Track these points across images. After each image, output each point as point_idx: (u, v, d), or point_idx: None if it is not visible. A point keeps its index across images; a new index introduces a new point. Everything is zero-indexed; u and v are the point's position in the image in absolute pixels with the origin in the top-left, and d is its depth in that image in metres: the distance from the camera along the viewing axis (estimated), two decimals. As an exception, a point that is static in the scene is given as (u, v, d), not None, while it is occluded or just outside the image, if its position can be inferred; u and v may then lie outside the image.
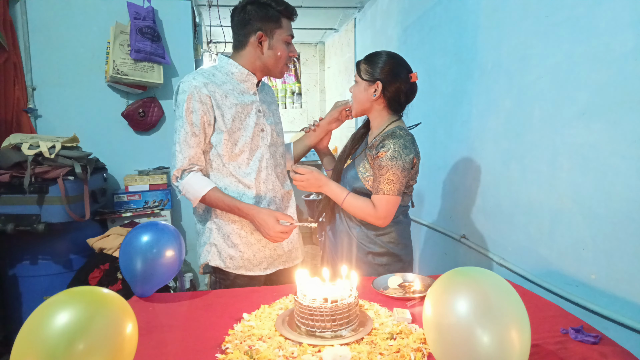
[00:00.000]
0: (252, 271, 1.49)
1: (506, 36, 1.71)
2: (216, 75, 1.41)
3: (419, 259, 2.64)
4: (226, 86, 1.40)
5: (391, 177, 1.38)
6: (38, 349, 0.69)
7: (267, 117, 1.49)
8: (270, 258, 1.50)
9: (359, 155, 1.50)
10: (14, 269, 2.14)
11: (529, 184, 1.59)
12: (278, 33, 1.40)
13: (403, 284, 1.32)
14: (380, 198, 1.39)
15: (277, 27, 1.40)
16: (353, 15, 4.04)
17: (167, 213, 2.67)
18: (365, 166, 1.45)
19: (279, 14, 1.39)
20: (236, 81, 1.43)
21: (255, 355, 0.92)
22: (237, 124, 1.40)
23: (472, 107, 1.97)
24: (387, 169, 1.37)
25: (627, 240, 1.19)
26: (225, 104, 1.38)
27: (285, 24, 1.41)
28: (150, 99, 2.72)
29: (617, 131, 1.21)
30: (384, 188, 1.38)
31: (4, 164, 1.99)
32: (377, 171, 1.40)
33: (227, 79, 1.42)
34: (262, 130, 1.46)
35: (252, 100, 1.44)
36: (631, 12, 1.16)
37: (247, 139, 1.42)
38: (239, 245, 1.46)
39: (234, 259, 1.47)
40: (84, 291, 0.79)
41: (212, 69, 1.43)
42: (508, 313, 0.75)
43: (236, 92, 1.42)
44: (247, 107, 1.43)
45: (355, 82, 1.49)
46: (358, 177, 1.46)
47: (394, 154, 1.37)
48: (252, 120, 1.43)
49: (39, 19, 2.55)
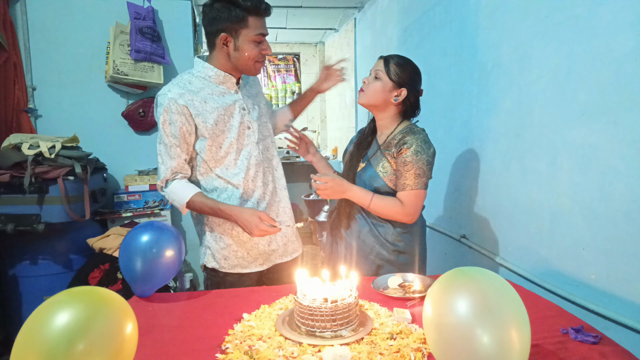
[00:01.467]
0: (249, 268, 1.49)
1: (506, 36, 1.71)
2: (192, 82, 1.39)
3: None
4: (204, 92, 1.38)
5: (418, 171, 1.41)
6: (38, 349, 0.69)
7: (252, 113, 1.47)
8: (265, 254, 1.50)
9: (374, 156, 1.51)
10: (14, 269, 2.14)
11: (529, 184, 1.59)
12: (244, 33, 1.33)
13: (403, 284, 1.32)
14: (408, 194, 1.42)
15: (243, 27, 1.32)
16: (353, 15, 4.04)
17: (167, 213, 2.67)
18: (385, 165, 1.47)
19: (245, 12, 1.30)
20: (214, 84, 1.41)
21: (255, 355, 0.92)
22: (220, 127, 1.39)
23: (472, 107, 1.97)
24: (412, 164, 1.40)
25: (627, 240, 1.19)
26: (206, 110, 1.37)
27: (252, 23, 1.32)
28: (150, 99, 2.72)
29: (617, 131, 1.21)
30: (411, 183, 1.41)
31: (4, 164, 1.99)
32: (402, 167, 1.42)
33: (204, 84, 1.40)
34: (247, 128, 1.44)
35: (234, 100, 1.42)
36: (631, 12, 1.16)
37: (232, 140, 1.40)
38: (231, 245, 1.46)
39: (228, 259, 1.47)
40: (84, 291, 0.80)
41: (188, 76, 1.41)
42: (508, 313, 0.75)
43: (215, 95, 1.40)
44: (230, 108, 1.41)
45: (378, 78, 1.48)
46: (378, 177, 1.47)
47: (417, 149, 1.41)
48: (236, 120, 1.41)
49: (39, 19, 2.55)
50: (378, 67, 1.50)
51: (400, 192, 1.44)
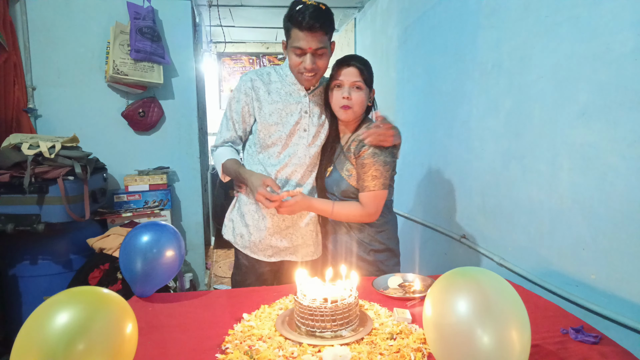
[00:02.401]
0: (257, 255, 1.58)
1: (506, 36, 1.71)
2: (271, 74, 1.54)
3: (419, 259, 2.64)
4: (274, 85, 1.52)
5: (374, 172, 1.40)
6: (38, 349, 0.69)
7: (313, 119, 1.53)
8: (275, 248, 1.56)
9: (338, 159, 1.52)
10: (14, 269, 2.14)
11: (529, 184, 1.59)
12: (289, 43, 1.42)
13: (403, 284, 1.32)
14: (368, 195, 1.42)
15: (289, 37, 1.42)
16: (353, 15, 4.04)
17: (167, 213, 2.67)
18: (348, 168, 1.47)
19: (290, 23, 1.39)
20: (288, 83, 1.52)
21: (255, 355, 0.92)
22: (274, 118, 1.49)
23: (472, 107, 1.97)
24: (369, 165, 1.40)
25: (627, 240, 1.19)
26: (267, 100, 1.50)
27: (294, 35, 1.38)
28: (150, 99, 2.72)
29: (617, 131, 1.21)
30: (369, 185, 1.41)
31: (4, 164, 1.99)
32: (360, 169, 1.42)
33: (279, 79, 1.53)
34: (304, 130, 1.51)
35: (298, 101, 1.51)
36: (631, 12, 1.16)
37: (282, 135, 1.50)
38: (250, 226, 1.57)
39: (243, 237, 1.58)
40: (84, 291, 0.80)
41: (271, 69, 1.56)
42: (508, 313, 0.75)
43: (283, 92, 1.52)
44: (291, 106, 1.51)
45: (359, 89, 1.43)
46: (343, 180, 1.48)
47: (375, 151, 1.40)
48: (293, 119, 1.50)
49: (39, 19, 2.55)
50: (354, 78, 1.42)
51: (360, 193, 1.44)
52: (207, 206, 3.79)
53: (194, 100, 2.86)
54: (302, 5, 1.36)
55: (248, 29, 4.65)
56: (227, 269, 3.87)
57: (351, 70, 1.42)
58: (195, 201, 2.93)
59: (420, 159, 2.56)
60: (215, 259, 4.16)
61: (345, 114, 1.44)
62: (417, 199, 2.63)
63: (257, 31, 4.73)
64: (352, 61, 1.44)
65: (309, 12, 1.34)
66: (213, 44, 5.21)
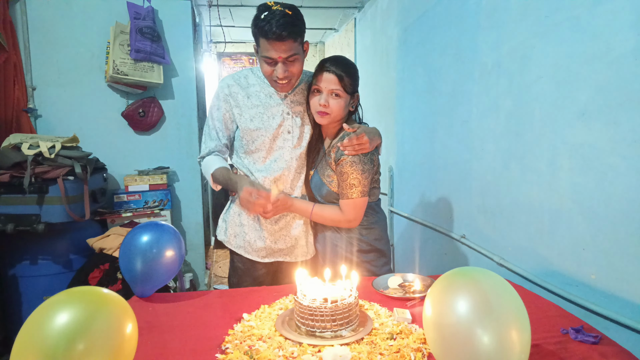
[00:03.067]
0: (250, 255, 1.56)
1: (506, 36, 1.71)
2: (248, 78, 1.51)
3: (419, 259, 2.64)
4: (253, 88, 1.49)
5: (353, 181, 1.39)
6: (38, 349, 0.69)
7: (296, 119, 1.50)
8: (269, 249, 1.55)
9: (320, 164, 1.50)
10: (14, 269, 2.14)
11: (529, 184, 1.59)
12: (259, 51, 1.38)
13: (403, 284, 1.32)
14: (347, 203, 1.42)
15: (258, 45, 1.37)
16: (353, 15, 4.04)
17: (167, 213, 2.67)
18: (329, 173, 1.46)
19: (256, 32, 1.34)
20: (266, 84, 1.49)
21: (255, 355, 0.92)
22: (256, 123, 1.47)
23: (472, 107, 1.97)
24: (347, 174, 1.39)
25: (627, 240, 1.19)
26: (246, 105, 1.48)
27: (262, 44, 1.33)
28: (150, 99, 2.72)
29: (617, 131, 1.21)
30: (348, 193, 1.40)
31: (4, 164, 1.99)
32: (339, 177, 1.42)
33: (257, 82, 1.50)
34: (287, 132, 1.49)
35: (278, 103, 1.49)
36: (631, 12, 1.16)
37: (266, 139, 1.48)
38: (244, 226, 1.56)
39: (237, 237, 1.57)
40: (84, 291, 0.80)
41: (248, 71, 1.53)
42: (508, 313, 0.75)
43: (262, 94, 1.49)
44: (272, 109, 1.48)
45: (338, 96, 1.39)
46: (324, 185, 1.48)
47: (353, 159, 1.38)
48: (275, 122, 1.47)
49: (39, 19, 2.55)
50: (333, 85, 1.38)
51: (341, 200, 1.44)
52: (207, 206, 3.79)
53: (194, 100, 2.86)
54: (267, 13, 1.30)
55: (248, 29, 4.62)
56: (227, 269, 3.86)
57: (330, 77, 1.38)
58: (195, 201, 2.93)
59: (420, 159, 2.56)
60: (215, 259, 4.16)
61: (322, 119, 1.42)
62: (417, 199, 2.62)
63: (257, 31, 4.73)
64: (333, 67, 1.39)
65: (275, 20, 1.28)
66: (213, 44, 5.21)
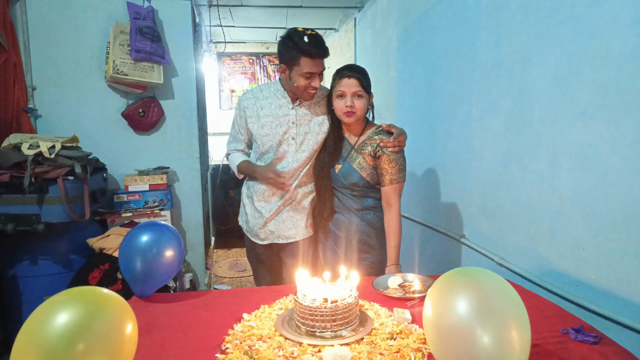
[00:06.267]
0: (253, 238, 1.83)
1: (506, 36, 1.71)
2: (263, 91, 1.76)
3: (418, 259, 2.64)
4: (266, 101, 1.73)
5: (402, 165, 1.64)
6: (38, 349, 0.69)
7: (301, 128, 1.72)
8: (264, 233, 1.79)
9: (349, 156, 1.68)
10: (14, 269, 2.14)
11: (529, 184, 1.59)
12: (296, 70, 1.60)
13: (403, 284, 1.32)
14: (396, 187, 1.62)
15: (296, 64, 1.59)
16: (353, 15, 4.04)
17: (167, 213, 2.67)
18: (361, 162, 1.65)
19: (299, 53, 1.56)
20: (276, 97, 1.73)
21: (255, 355, 0.92)
22: (266, 130, 1.71)
23: (472, 107, 1.97)
24: (395, 161, 1.61)
25: (627, 240, 1.19)
26: (259, 115, 1.73)
27: (304, 63, 1.57)
28: (150, 99, 2.72)
29: (617, 131, 1.21)
30: (398, 177, 1.62)
31: (4, 164, 1.99)
32: (387, 165, 1.61)
33: (270, 95, 1.74)
34: (292, 139, 1.71)
35: (287, 113, 1.71)
36: (631, 12, 1.16)
37: (273, 144, 1.72)
38: (249, 214, 1.82)
39: (247, 223, 1.84)
40: (84, 291, 0.80)
41: (266, 86, 1.78)
42: (508, 313, 0.75)
43: (274, 106, 1.72)
44: (281, 119, 1.71)
45: (360, 97, 1.60)
46: (356, 171, 1.65)
47: (396, 154, 1.61)
48: (282, 129, 1.70)
49: (39, 19, 2.55)
50: (354, 87, 1.59)
51: (388, 187, 1.62)
52: (207, 206, 3.79)
53: (194, 100, 2.86)
54: (307, 37, 1.56)
55: (248, 29, 4.64)
56: (227, 269, 3.88)
57: (352, 81, 1.60)
58: (195, 201, 2.93)
59: (420, 159, 2.56)
60: (215, 259, 4.16)
61: (348, 118, 1.63)
62: (417, 199, 2.63)
63: (257, 31, 4.73)
64: (352, 72, 1.61)
65: (316, 42, 1.57)
66: (213, 44, 5.21)
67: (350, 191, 1.68)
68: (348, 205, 1.69)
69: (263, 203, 1.76)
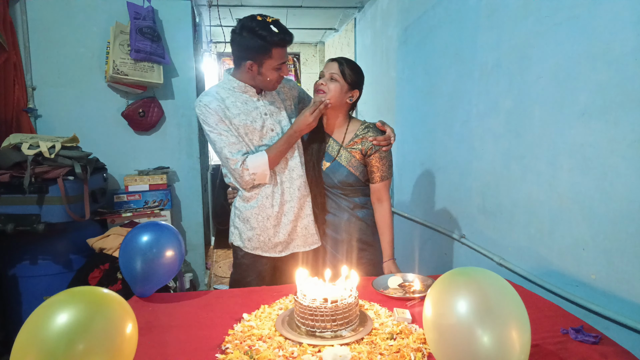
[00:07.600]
0: (268, 253, 1.63)
1: (506, 36, 1.71)
2: (219, 93, 1.56)
3: (418, 259, 2.64)
4: (229, 100, 1.55)
5: (391, 162, 1.65)
6: (38, 349, 0.69)
7: (275, 117, 1.61)
8: (285, 242, 1.63)
9: (339, 154, 1.65)
10: (14, 269, 2.14)
11: (529, 184, 1.59)
12: (268, 63, 1.48)
13: (403, 284, 1.32)
14: (387, 183, 1.64)
15: (267, 57, 1.47)
16: (353, 15, 4.04)
17: (167, 213, 2.67)
18: (351, 160, 1.63)
19: (270, 45, 1.45)
20: (238, 93, 1.57)
21: (255, 355, 0.92)
22: (243, 129, 1.55)
23: (472, 107, 1.97)
24: (386, 158, 1.62)
25: (627, 240, 1.19)
26: (232, 114, 1.54)
27: (276, 54, 1.47)
28: (150, 99, 2.72)
29: (617, 131, 1.21)
30: (388, 174, 1.64)
31: (4, 164, 1.99)
32: (379, 162, 1.61)
33: (229, 94, 1.57)
34: (271, 130, 1.59)
35: (255, 106, 1.58)
36: (631, 12, 1.16)
37: (255, 141, 1.57)
38: (256, 229, 1.61)
39: (251, 240, 1.62)
40: (84, 291, 0.80)
41: (216, 88, 1.59)
42: (508, 313, 0.75)
43: (239, 103, 1.56)
44: (252, 113, 1.56)
45: (334, 79, 1.57)
46: (345, 168, 1.63)
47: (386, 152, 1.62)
48: (258, 124, 1.57)
49: (39, 19, 2.55)
50: (332, 69, 1.58)
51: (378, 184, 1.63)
52: (207, 206, 3.79)
53: (194, 100, 2.85)
54: (272, 25, 1.44)
55: (248, 29, 4.64)
56: (227, 269, 3.88)
57: (332, 64, 1.60)
58: (195, 201, 2.93)
59: (420, 159, 2.56)
60: (215, 259, 4.16)
61: (318, 96, 1.58)
62: (417, 199, 2.62)
63: (257, 31, 4.73)
64: (337, 58, 1.62)
65: (283, 28, 1.47)
66: (213, 44, 5.21)
67: (342, 190, 1.66)
68: (342, 205, 1.68)
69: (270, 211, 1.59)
